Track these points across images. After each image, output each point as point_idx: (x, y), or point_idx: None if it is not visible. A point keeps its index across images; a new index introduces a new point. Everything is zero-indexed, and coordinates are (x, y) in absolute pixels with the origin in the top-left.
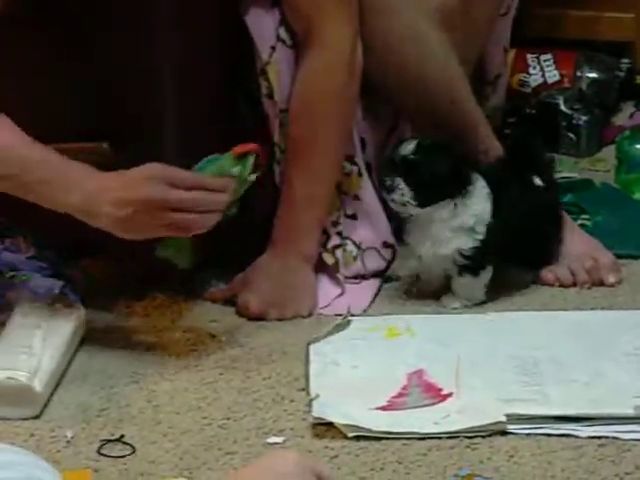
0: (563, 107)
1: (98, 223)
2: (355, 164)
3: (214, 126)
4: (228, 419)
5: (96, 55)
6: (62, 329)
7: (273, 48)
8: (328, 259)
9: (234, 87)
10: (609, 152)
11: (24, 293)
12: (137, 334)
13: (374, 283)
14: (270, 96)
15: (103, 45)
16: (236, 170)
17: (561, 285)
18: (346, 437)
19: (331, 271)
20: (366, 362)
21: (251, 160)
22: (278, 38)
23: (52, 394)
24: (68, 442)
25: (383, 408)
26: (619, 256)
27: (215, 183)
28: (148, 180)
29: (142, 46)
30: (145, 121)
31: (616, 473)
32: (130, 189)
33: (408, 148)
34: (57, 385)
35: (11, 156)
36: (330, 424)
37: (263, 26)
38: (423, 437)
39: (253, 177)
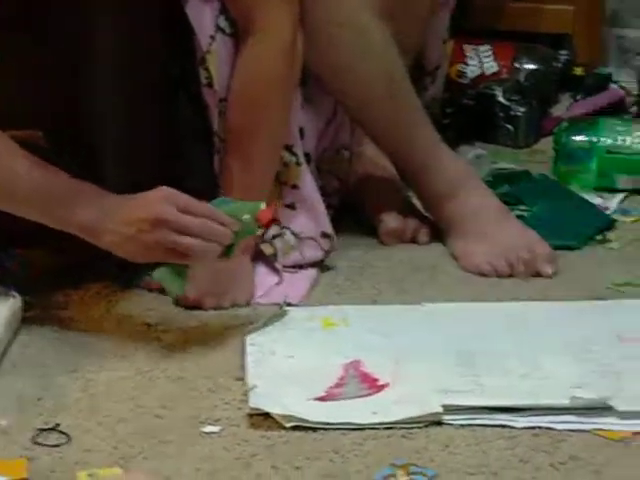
0: (501, 98)
1: (102, 241)
2: (294, 154)
3: (152, 118)
4: (164, 408)
5: (36, 43)
6: None
7: (212, 37)
8: (266, 249)
9: (173, 77)
10: (547, 143)
11: None
12: (73, 323)
13: (312, 273)
14: (210, 85)
15: (42, 33)
16: (246, 217)
17: (498, 276)
18: (283, 427)
19: (269, 260)
20: (303, 352)
21: (258, 212)
22: (217, 27)
23: None
24: (3, 431)
25: (320, 398)
26: (556, 247)
27: (222, 217)
28: (160, 201)
29: (79, 35)
30: (81, 113)
31: (550, 463)
32: (141, 208)
33: None
34: None
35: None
36: (267, 414)
37: (203, 15)
38: (360, 427)
39: (258, 231)
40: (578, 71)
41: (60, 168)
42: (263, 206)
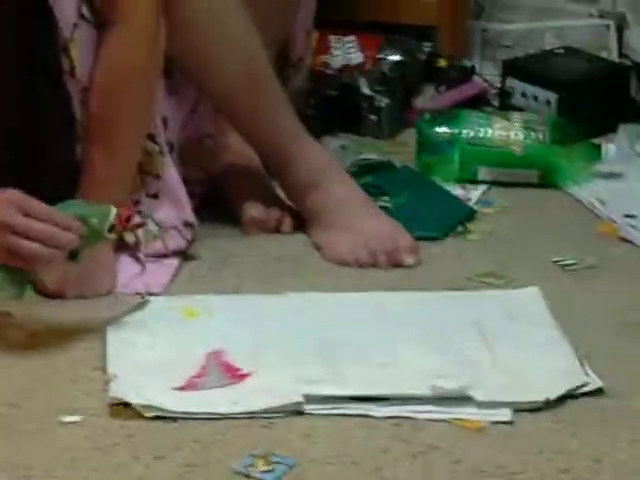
0: (365, 89)
1: None
2: (157, 143)
3: (12, 106)
4: (23, 398)
5: None
6: None
7: (75, 25)
8: (128, 238)
9: (32, 68)
10: (410, 135)
11: None
12: None
13: (174, 262)
14: (72, 73)
15: None
16: (95, 220)
17: (360, 266)
18: (143, 417)
19: (131, 250)
20: (164, 342)
21: (112, 217)
22: (80, 15)
23: None
24: None
25: (182, 388)
26: (418, 238)
27: (67, 222)
28: (3, 203)
29: None
30: None
31: (410, 452)
32: None
33: None
34: None
35: None
36: (128, 404)
37: (64, 2)
38: (221, 417)
39: (111, 236)
40: (442, 63)
41: None
42: (113, 211)
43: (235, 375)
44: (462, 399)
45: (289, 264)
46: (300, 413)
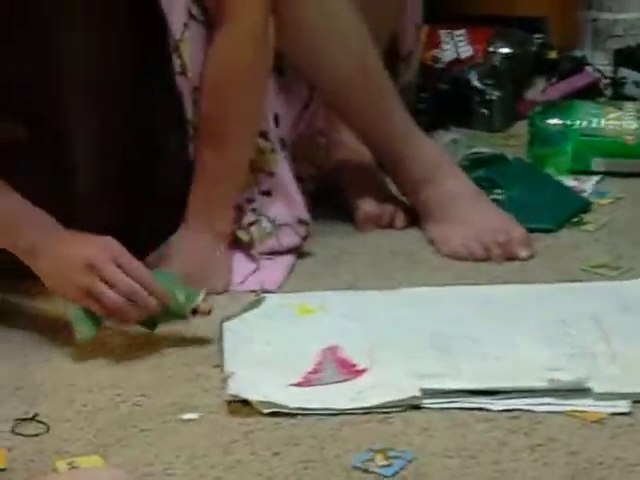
0: (476, 82)
1: (36, 267)
2: (269, 140)
3: (125, 107)
4: (142, 396)
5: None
6: None
7: (185, 25)
8: (243, 236)
9: (144, 70)
10: (522, 127)
11: None
12: (50, 312)
13: (288, 259)
14: (183, 73)
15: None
16: (182, 298)
17: (474, 259)
18: (261, 413)
19: (245, 248)
20: (280, 339)
21: (198, 301)
22: (190, 15)
23: None
24: None
25: (298, 384)
26: (532, 230)
27: (155, 288)
28: (99, 247)
29: (49, 22)
30: (52, 102)
31: (529, 445)
32: (79, 247)
33: None
34: None
35: None
36: (245, 401)
37: (174, 3)
38: (338, 413)
39: (190, 317)
40: (552, 54)
41: (34, 163)
42: (201, 295)
43: (351, 371)
44: (579, 391)
45: (403, 259)
46: (417, 407)
